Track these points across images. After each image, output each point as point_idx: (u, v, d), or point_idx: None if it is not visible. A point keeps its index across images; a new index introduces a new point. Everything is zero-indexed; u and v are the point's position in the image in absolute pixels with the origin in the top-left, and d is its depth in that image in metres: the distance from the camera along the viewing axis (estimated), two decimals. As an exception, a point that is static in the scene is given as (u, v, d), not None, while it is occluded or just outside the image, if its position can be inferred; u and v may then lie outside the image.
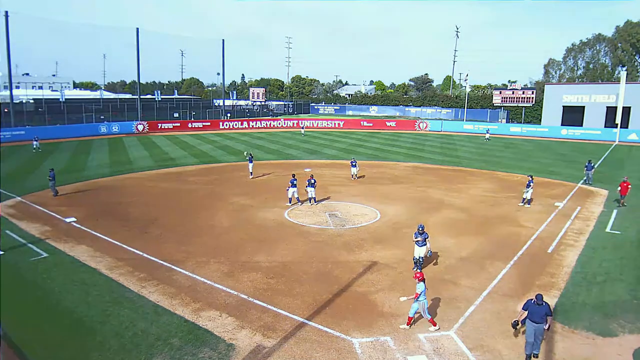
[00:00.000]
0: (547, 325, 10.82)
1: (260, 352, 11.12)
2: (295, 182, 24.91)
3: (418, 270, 13.97)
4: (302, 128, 63.98)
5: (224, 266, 16.45)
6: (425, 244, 15.39)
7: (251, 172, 31.93)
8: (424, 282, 12.11)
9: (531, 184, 25.46)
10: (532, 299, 11.02)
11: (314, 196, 25.29)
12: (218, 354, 10.97)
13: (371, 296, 14.16)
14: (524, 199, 25.60)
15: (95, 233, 19.68)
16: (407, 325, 12.21)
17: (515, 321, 11.68)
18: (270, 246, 18.55)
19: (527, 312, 10.99)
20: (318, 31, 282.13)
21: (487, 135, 60.49)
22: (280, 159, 42.42)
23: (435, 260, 17.14)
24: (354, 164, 32.56)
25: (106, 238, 19.06)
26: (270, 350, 11.20)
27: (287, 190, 24.97)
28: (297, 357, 10.93)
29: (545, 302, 10.89)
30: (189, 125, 65.63)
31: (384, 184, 31.13)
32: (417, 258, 15.54)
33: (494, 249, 18.54)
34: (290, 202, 24.89)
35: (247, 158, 31.89)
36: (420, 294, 11.99)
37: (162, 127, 63.02)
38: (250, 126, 69.30)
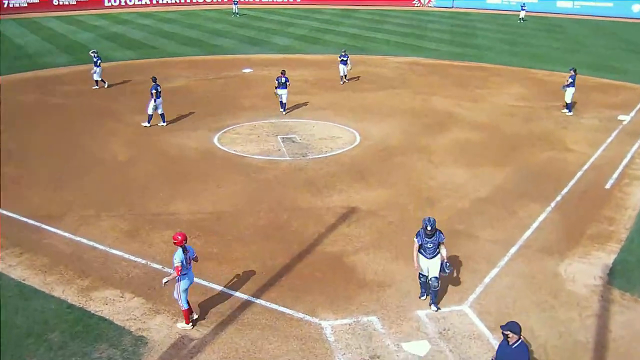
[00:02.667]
0: None
1: (185, 346, 11.29)
2: (159, 89, 24.26)
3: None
4: (235, 4, 61.87)
5: (124, 221, 16.32)
6: (439, 253, 12.31)
7: (97, 81, 31.15)
8: (184, 248, 11.28)
9: (571, 79, 26.05)
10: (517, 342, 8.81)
11: (285, 101, 26.06)
12: (122, 352, 11.06)
13: (348, 258, 14.46)
14: (567, 104, 26.51)
15: None
16: (187, 323, 11.74)
17: None
18: (194, 189, 18.45)
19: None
20: None
21: (522, 14, 60.52)
22: (204, 53, 41.36)
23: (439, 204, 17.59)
24: (344, 59, 32.22)
25: None
26: (200, 342, 11.39)
27: (148, 104, 24.41)
28: (242, 351, 11.18)
29: (521, 344, 8.70)
30: (55, 1, 63.51)
31: (366, 90, 30.97)
32: (427, 277, 12.52)
33: (527, 184, 19.07)
34: (148, 123, 24.54)
35: (94, 59, 30.71)
36: (182, 267, 11.20)
37: (10, 4, 60.92)
38: (154, 2, 67.92)
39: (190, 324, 11.80)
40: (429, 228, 12.00)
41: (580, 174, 19.98)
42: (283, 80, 25.90)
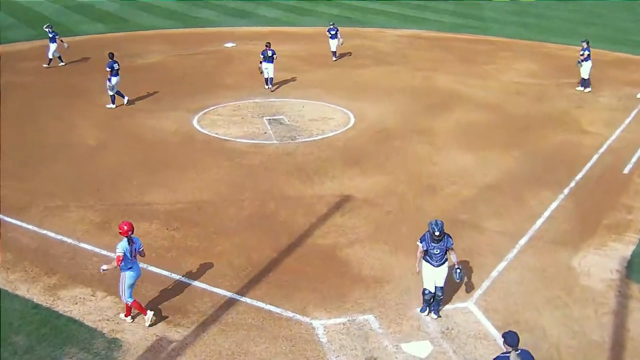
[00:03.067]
0: None
1: (163, 349, 11.25)
2: (115, 66, 24.08)
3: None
4: None
5: (95, 213, 16.23)
6: (446, 260, 11.86)
7: (51, 58, 30.99)
8: (129, 239, 11.36)
9: (586, 52, 26.09)
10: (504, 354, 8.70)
11: (271, 76, 26.11)
12: (94, 356, 11.01)
13: (342, 252, 14.44)
14: (583, 79, 26.57)
15: None
16: (126, 316, 11.95)
17: None
18: (171, 176, 18.38)
19: None
20: None
21: (532, -19, 60.41)
22: (185, 25, 41.11)
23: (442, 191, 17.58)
24: (333, 33, 32.10)
25: None
26: (180, 345, 11.35)
27: (108, 80, 24.19)
28: (226, 354, 11.16)
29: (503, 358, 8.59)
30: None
31: (362, 67, 30.86)
32: (431, 291, 12.01)
33: (538, 169, 19.10)
34: (113, 104, 24.38)
35: (49, 34, 30.48)
36: (125, 259, 11.29)
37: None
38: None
39: (130, 317, 11.89)
40: (436, 232, 11.43)
41: (596, 157, 20.01)
42: (269, 53, 25.78)
